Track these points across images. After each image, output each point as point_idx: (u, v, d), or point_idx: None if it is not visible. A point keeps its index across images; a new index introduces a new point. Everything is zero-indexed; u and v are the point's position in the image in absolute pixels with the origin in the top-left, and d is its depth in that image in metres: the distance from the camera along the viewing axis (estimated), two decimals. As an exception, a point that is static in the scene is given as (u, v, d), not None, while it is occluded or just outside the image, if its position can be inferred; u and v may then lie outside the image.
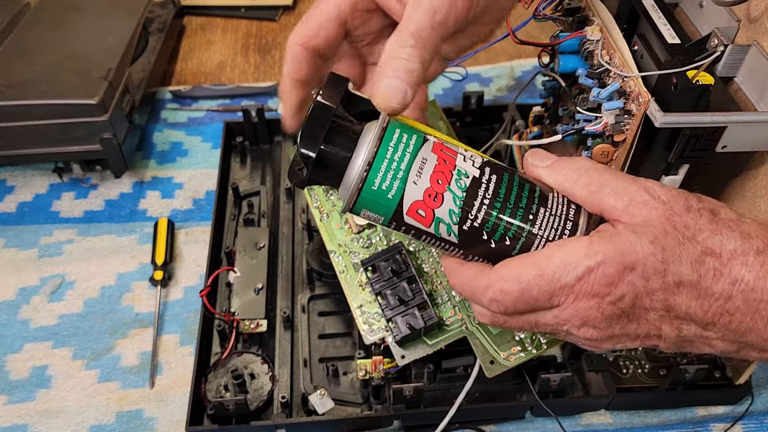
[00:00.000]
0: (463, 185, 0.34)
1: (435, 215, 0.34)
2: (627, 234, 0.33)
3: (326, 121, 0.34)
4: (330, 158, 0.34)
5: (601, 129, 0.43)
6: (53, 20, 0.74)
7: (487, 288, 0.35)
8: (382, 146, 0.34)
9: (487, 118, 0.73)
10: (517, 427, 0.53)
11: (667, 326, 0.35)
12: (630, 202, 0.34)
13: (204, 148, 0.76)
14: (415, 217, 0.35)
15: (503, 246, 0.35)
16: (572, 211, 0.36)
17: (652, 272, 0.33)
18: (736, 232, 0.34)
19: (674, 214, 0.34)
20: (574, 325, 0.35)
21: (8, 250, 0.65)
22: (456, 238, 0.35)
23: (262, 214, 0.67)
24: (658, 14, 0.47)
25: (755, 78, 0.44)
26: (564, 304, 0.34)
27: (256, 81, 0.86)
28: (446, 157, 0.35)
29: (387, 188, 0.34)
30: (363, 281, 0.51)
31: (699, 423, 0.53)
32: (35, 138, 0.65)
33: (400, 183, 0.34)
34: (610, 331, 0.35)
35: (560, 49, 0.47)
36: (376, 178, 0.34)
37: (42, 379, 0.56)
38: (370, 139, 0.34)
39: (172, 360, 0.57)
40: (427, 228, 0.35)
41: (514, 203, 0.35)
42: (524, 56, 0.88)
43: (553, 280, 0.33)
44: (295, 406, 0.53)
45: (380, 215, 0.35)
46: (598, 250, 0.33)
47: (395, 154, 0.34)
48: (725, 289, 0.33)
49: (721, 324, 0.34)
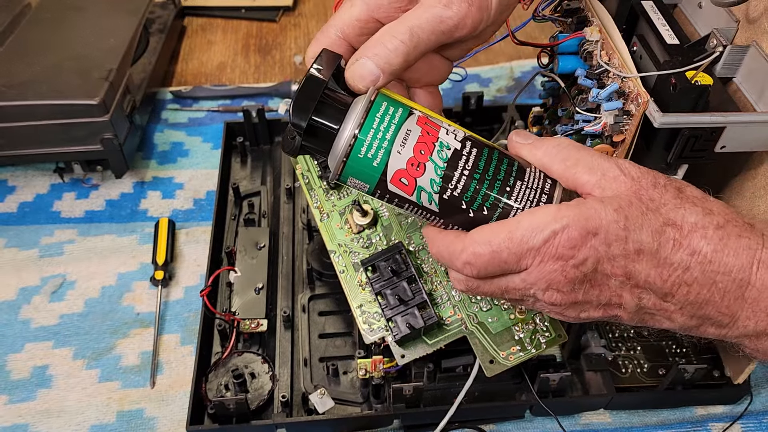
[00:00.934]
0: (445, 156, 0.36)
1: (417, 184, 0.36)
2: (593, 202, 0.35)
3: (317, 94, 0.36)
4: (319, 128, 0.36)
5: (600, 129, 0.43)
6: (54, 21, 0.74)
7: (461, 252, 0.37)
8: (368, 117, 0.36)
9: (486, 119, 0.73)
10: (516, 426, 0.53)
11: (627, 294, 0.36)
12: (602, 177, 0.36)
13: (204, 148, 0.76)
14: (398, 186, 0.37)
15: (481, 215, 0.37)
16: (548, 185, 0.37)
17: (614, 238, 0.34)
18: (699, 207, 0.35)
19: (641, 188, 0.35)
20: (540, 289, 0.36)
21: (9, 250, 0.65)
22: (436, 206, 0.37)
23: (263, 214, 0.67)
24: (657, 15, 0.47)
25: (754, 78, 0.45)
26: (531, 267, 0.36)
27: (257, 81, 0.86)
28: (430, 130, 0.37)
29: (372, 156, 0.36)
30: (363, 281, 0.51)
31: (698, 422, 0.53)
32: (36, 138, 0.65)
33: (385, 152, 0.36)
34: (574, 296, 0.36)
35: (559, 49, 0.47)
36: (362, 147, 0.36)
37: (43, 378, 0.56)
38: (358, 111, 0.36)
39: (173, 359, 0.58)
40: (410, 196, 0.37)
41: (493, 175, 0.37)
42: (524, 57, 0.89)
43: (522, 242, 0.35)
44: (296, 406, 0.53)
45: (366, 183, 0.37)
46: (564, 215, 0.34)
47: (381, 125, 0.36)
48: (684, 259, 0.35)
49: (680, 295, 0.35)
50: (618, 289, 0.36)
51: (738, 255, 0.35)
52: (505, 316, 0.48)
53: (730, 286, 0.35)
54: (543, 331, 0.48)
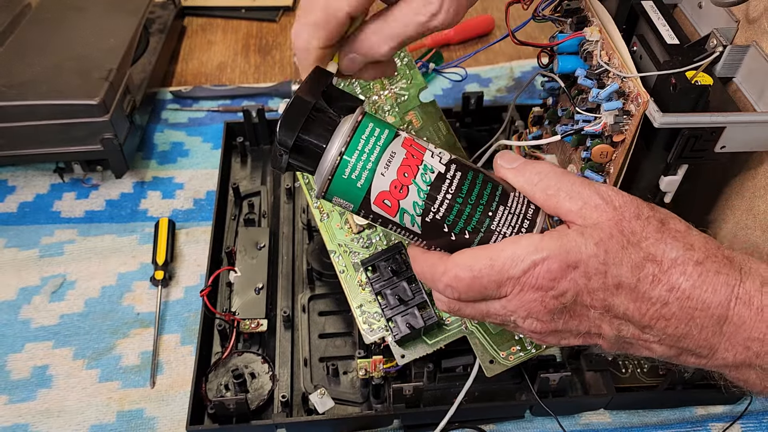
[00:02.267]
0: (428, 179, 0.37)
1: (400, 206, 0.37)
2: (574, 235, 0.35)
3: (304, 113, 0.36)
4: (306, 147, 0.37)
5: (600, 129, 0.43)
6: (54, 21, 0.74)
7: (443, 274, 0.37)
8: (353, 139, 0.36)
9: (486, 119, 0.73)
10: (516, 426, 0.53)
11: (606, 325, 0.37)
12: (583, 206, 0.36)
13: (204, 148, 0.76)
14: (381, 207, 0.37)
15: (463, 239, 0.37)
16: (531, 211, 0.38)
17: (593, 272, 0.35)
18: (680, 242, 0.36)
19: (623, 219, 0.36)
20: (520, 317, 0.37)
21: (9, 250, 0.65)
22: (419, 228, 0.37)
23: (263, 214, 0.67)
24: (657, 15, 0.47)
25: (754, 78, 0.45)
26: (510, 295, 0.36)
27: (257, 81, 0.86)
28: (414, 153, 0.37)
29: (356, 177, 0.36)
30: (363, 281, 0.51)
31: (698, 422, 0.53)
32: (36, 138, 0.65)
33: (369, 173, 0.36)
34: (554, 325, 0.37)
35: (559, 49, 0.47)
36: (347, 168, 0.36)
37: (43, 378, 0.56)
38: (344, 131, 0.36)
39: (173, 359, 0.58)
40: (393, 217, 0.37)
41: (475, 200, 0.37)
42: (523, 57, 0.89)
43: (502, 271, 0.35)
44: (296, 406, 0.53)
45: (350, 203, 0.38)
46: (545, 246, 0.35)
47: (366, 146, 0.36)
48: (662, 295, 0.35)
49: (658, 328, 0.36)
50: (597, 320, 0.37)
51: (716, 291, 0.35)
52: (505, 316, 0.48)
53: (708, 321, 0.35)
54: (543, 331, 0.48)
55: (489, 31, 0.93)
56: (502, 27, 0.93)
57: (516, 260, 0.35)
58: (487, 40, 0.92)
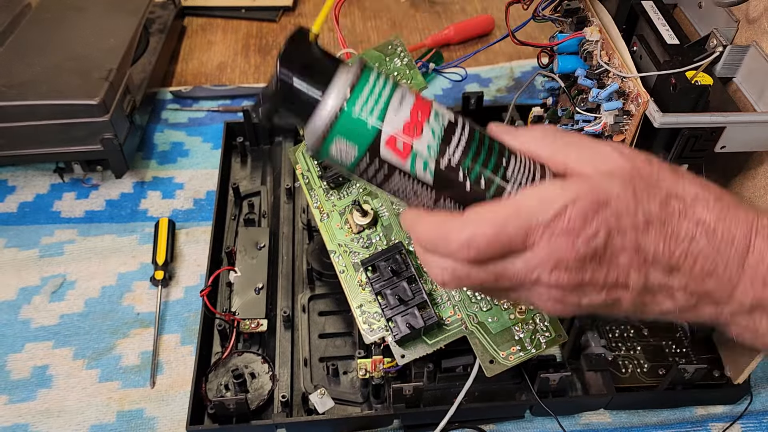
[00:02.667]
0: (443, 122, 0.34)
1: (413, 148, 0.33)
2: (598, 177, 0.34)
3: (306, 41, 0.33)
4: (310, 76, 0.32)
5: (600, 129, 0.43)
6: (54, 21, 0.74)
7: (460, 230, 0.34)
8: (362, 77, 0.33)
9: (486, 119, 0.72)
10: (516, 426, 0.53)
11: (635, 272, 0.35)
12: (594, 155, 0.35)
13: (204, 148, 0.76)
14: (393, 150, 0.33)
15: (477, 189, 0.34)
16: (539, 167, 0.36)
17: (624, 210, 0.33)
18: (696, 181, 0.35)
19: (636, 164, 0.35)
20: (546, 270, 0.34)
21: (9, 250, 0.65)
22: (431, 176, 0.34)
23: (263, 214, 0.67)
24: (657, 15, 0.47)
25: (754, 78, 0.45)
26: (539, 244, 0.34)
27: (257, 81, 0.86)
28: (423, 99, 0.34)
29: (367, 115, 0.32)
30: (363, 281, 0.51)
31: (698, 422, 0.53)
32: (36, 138, 0.65)
33: (381, 111, 0.32)
34: (581, 276, 0.35)
35: (559, 49, 0.47)
36: (357, 104, 0.32)
37: (43, 378, 0.56)
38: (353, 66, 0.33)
39: (173, 359, 0.58)
40: (403, 163, 0.33)
41: (488, 148, 0.34)
42: (523, 57, 0.89)
43: (530, 216, 0.33)
44: (296, 406, 0.53)
45: (355, 145, 0.33)
46: (573, 188, 0.33)
47: (376, 85, 0.33)
48: (689, 229, 0.34)
49: (686, 268, 0.35)
50: (626, 266, 0.35)
51: (738, 224, 0.35)
52: (505, 316, 0.48)
53: (734, 254, 0.35)
54: (543, 331, 0.48)
55: (489, 31, 0.93)
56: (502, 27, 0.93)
57: (545, 203, 0.33)
58: (487, 40, 0.92)
